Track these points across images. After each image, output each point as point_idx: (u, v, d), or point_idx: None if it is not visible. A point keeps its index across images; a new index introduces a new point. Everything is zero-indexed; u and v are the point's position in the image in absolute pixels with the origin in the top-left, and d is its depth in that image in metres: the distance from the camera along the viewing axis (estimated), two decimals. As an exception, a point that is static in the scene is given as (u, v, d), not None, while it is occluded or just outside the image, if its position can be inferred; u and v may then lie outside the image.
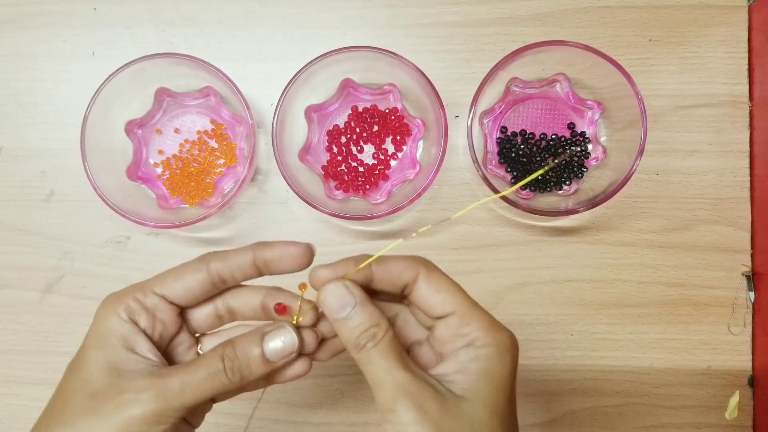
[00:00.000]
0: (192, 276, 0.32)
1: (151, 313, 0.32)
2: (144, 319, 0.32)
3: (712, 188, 0.54)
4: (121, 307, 0.31)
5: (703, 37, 0.54)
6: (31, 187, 0.55)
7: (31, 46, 0.56)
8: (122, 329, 0.31)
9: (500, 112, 0.54)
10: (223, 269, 0.32)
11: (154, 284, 0.32)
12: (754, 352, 0.54)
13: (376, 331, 0.30)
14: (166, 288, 0.32)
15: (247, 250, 0.33)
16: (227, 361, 0.31)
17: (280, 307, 0.33)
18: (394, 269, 0.32)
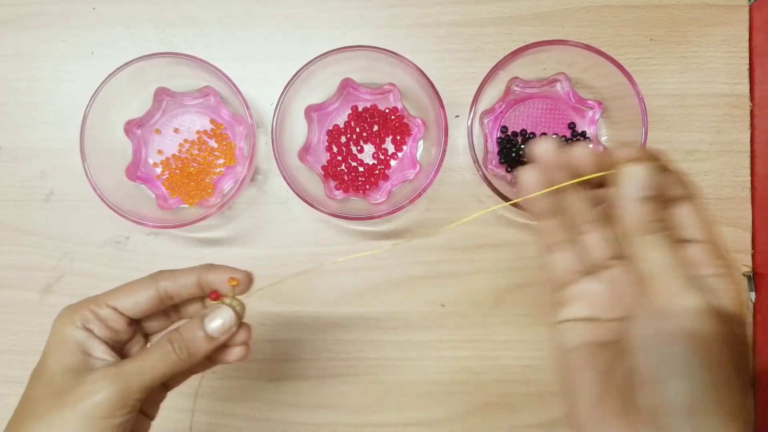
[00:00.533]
0: (142, 292, 0.36)
1: (104, 323, 0.35)
2: (98, 328, 0.35)
3: (712, 188, 0.54)
4: (76, 316, 0.34)
5: (704, 37, 0.54)
6: (31, 187, 0.55)
7: (30, 46, 0.56)
8: (78, 336, 0.34)
9: (501, 112, 0.54)
10: (170, 287, 0.36)
11: (107, 297, 0.35)
12: (754, 353, 0.54)
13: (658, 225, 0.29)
14: (118, 302, 0.35)
15: (193, 272, 0.36)
16: (175, 342, 0.34)
17: (214, 295, 0.36)
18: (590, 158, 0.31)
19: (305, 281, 0.54)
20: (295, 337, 0.55)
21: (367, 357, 0.54)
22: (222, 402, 0.54)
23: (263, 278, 0.55)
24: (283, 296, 0.54)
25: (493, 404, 0.54)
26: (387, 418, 0.54)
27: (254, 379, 0.55)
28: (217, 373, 0.54)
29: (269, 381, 0.55)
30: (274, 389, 0.55)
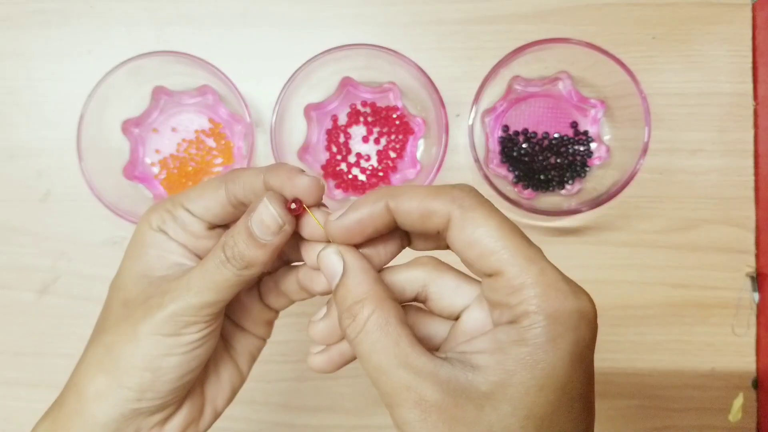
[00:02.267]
0: (211, 195, 0.31)
1: (181, 225, 0.31)
2: (173, 230, 0.31)
3: (715, 188, 0.53)
4: (153, 217, 0.31)
5: (707, 35, 0.53)
6: (27, 187, 0.55)
7: (27, 45, 0.55)
8: (153, 238, 0.30)
9: (502, 111, 0.54)
10: (237, 190, 0.30)
11: (183, 198, 0.31)
12: (758, 354, 0.53)
13: (358, 311, 0.24)
14: (191, 204, 0.31)
15: (259, 172, 0.29)
16: (227, 249, 0.28)
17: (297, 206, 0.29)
18: (417, 212, 0.25)
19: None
20: (294, 338, 0.54)
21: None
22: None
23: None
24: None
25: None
26: (387, 420, 0.54)
27: (253, 381, 0.54)
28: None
29: (268, 383, 0.54)
30: (273, 391, 0.54)
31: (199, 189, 0.31)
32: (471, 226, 0.24)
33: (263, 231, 0.28)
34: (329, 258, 0.27)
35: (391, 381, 0.23)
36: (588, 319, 0.23)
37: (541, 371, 0.22)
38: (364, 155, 0.54)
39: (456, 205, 0.24)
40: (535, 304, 0.22)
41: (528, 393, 0.22)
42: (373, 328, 0.24)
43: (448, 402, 0.22)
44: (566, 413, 0.23)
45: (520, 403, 0.22)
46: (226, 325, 0.34)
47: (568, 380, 0.22)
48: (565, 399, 0.22)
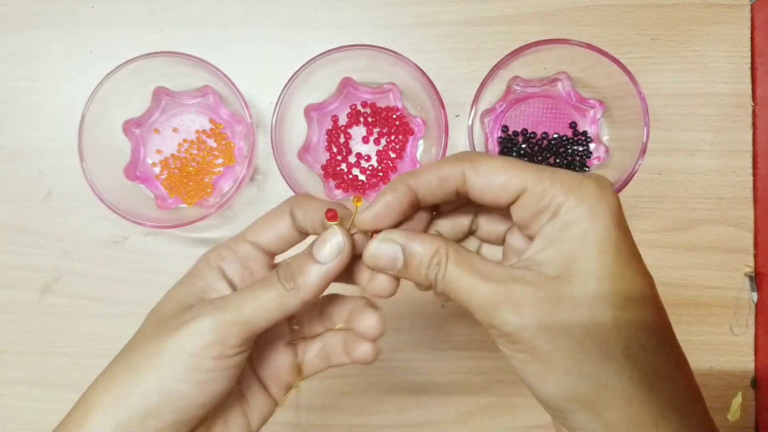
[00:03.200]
0: (278, 220, 0.31)
1: (242, 261, 0.31)
2: (231, 267, 0.31)
3: (714, 188, 0.53)
4: (213, 254, 0.31)
5: (705, 36, 0.54)
6: (30, 187, 0.55)
7: (29, 46, 0.55)
8: (207, 274, 0.31)
9: (501, 111, 0.54)
10: (302, 216, 0.31)
11: (247, 232, 0.32)
12: (756, 353, 0.53)
13: (439, 258, 0.28)
14: (257, 235, 0.31)
15: (322, 204, 0.31)
16: (281, 270, 0.29)
17: (330, 214, 0.30)
18: (434, 179, 0.28)
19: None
20: (294, 337, 0.54)
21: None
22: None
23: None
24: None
25: (494, 405, 0.54)
26: (387, 419, 0.54)
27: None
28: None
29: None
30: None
31: (264, 218, 0.32)
32: (485, 168, 0.28)
33: (325, 254, 0.29)
34: (381, 248, 0.28)
35: (481, 295, 0.26)
36: (610, 190, 0.26)
37: (594, 239, 0.25)
38: (364, 155, 0.54)
39: (464, 162, 0.28)
40: (563, 193, 0.26)
41: (590, 260, 0.25)
42: (452, 265, 0.27)
43: (530, 293, 0.25)
44: (629, 269, 0.26)
45: (588, 271, 0.25)
46: (247, 375, 0.34)
47: (618, 241, 0.26)
48: (624, 256, 0.26)
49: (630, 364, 0.25)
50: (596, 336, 0.25)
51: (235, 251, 0.31)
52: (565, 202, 0.26)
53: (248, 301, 0.28)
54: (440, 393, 0.54)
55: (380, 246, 0.29)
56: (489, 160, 0.28)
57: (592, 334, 0.25)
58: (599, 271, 0.25)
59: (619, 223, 0.26)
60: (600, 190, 0.26)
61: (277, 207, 0.32)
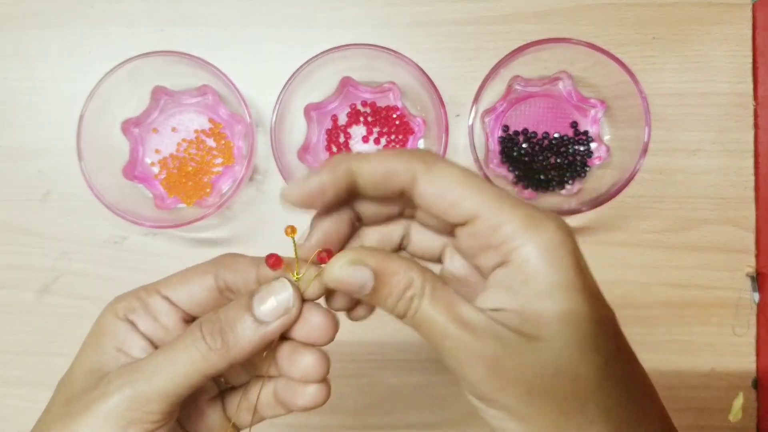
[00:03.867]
0: (197, 281, 0.28)
1: (152, 315, 0.28)
2: (143, 321, 0.27)
3: (715, 188, 0.53)
4: (121, 305, 0.27)
5: (707, 35, 0.53)
6: (28, 187, 0.55)
7: (28, 45, 0.55)
8: (115, 328, 0.27)
9: (502, 111, 0.54)
10: (230, 278, 0.28)
11: (160, 285, 0.28)
12: (758, 354, 0.53)
13: (413, 293, 0.24)
14: (171, 290, 0.28)
15: (254, 263, 0.28)
16: (206, 326, 0.25)
17: (272, 261, 0.26)
18: (380, 170, 0.24)
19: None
20: (294, 338, 0.54)
21: (367, 359, 0.54)
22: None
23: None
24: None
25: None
26: (387, 420, 0.54)
27: (253, 381, 0.54)
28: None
29: (268, 382, 0.54)
30: (273, 391, 0.54)
31: (181, 274, 0.28)
32: (439, 177, 0.24)
33: (270, 312, 0.25)
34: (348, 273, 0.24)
35: (455, 342, 0.23)
36: (568, 231, 0.24)
37: (564, 298, 0.23)
38: (364, 155, 0.53)
39: (419, 161, 0.24)
40: (521, 235, 0.23)
41: (565, 321, 0.23)
42: (427, 303, 0.24)
43: (510, 355, 0.23)
44: (601, 327, 0.23)
45: (566, 335, 0.23)
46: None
47: (583, 285, 0.23)
48: (591, 299, 0.23)
49: (611, 424, 0.24)
50: (577, 400, 0.23)
51: (145, 303, 0.28)
52: (523, 248, 0.23)
53: (165, 368, 0.25)
54: (441, 394, 0.53)
55: (347, 271, 0.24)
56: (446, 168, 0.24)
57: (572, 398, 0.23)
58: (576, 334, 0.23)
59: (583, 272, 0.24)
60: (561, 234, 0.23)
61: (198, 265, 0.28)
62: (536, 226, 0.23)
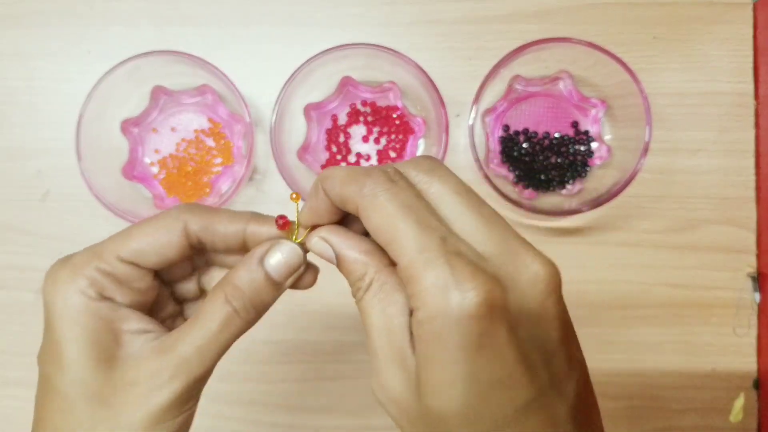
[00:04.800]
0: (164, 238, 0.26)
1: (126, 285, 0.26)
2: (120, 293, 0.26)
3: (716, 188, 0.53)
4: (82, 282, 0.25)
5: (708, 35, 0.53)
6: (27, 187, 0.55)
7: (27, 45, 0.55)
8: (95, 310, 0.25)
9: (502, 111, 0.53)
10: (204, 234, 0.27)
11: (116, 248, 0.25)
12: (759, 354, 0.53)
13: (360, 285, 0.25)
14: (135, 254, 0.26)
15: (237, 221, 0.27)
16: (235, 301, 0.26)
17: (283, 221, 0.27)
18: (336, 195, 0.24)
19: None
20: (294, 338, 0.54)
21: (368, 359, 0.54)
22: (220, 404, 0.54)
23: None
24: (282, 297, 0.53)
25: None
26: (387, 420, 0.54)
27: (253, 382, 0.54)
28: (215, 375, 0.54)
29: (268, 383, 0.54)
30: (273, 392, 0.54)
31: (143, 232, 0.26)
32: (371, 217, 0.23)
33: (283, 272, 0.26)
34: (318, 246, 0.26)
35: (379, 346, 0.24)
36: (469, 315, 0.21)
37: (439, 366, 0.22)
38: (364, 155, 0.53)
39: (360, 194, 0.23)
40: (420, 300, 0.22)
41: (437, 387, 0.22)
42: (368, 299, 0.24)
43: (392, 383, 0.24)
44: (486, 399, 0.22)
45: (437, 396, 0.22)
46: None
47: (471, 369, 0.21)
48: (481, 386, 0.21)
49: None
50: None
51: (110, 275, 0.25)
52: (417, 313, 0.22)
53: (211, 347, 0.25)
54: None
55: (319, 245, 0.26)
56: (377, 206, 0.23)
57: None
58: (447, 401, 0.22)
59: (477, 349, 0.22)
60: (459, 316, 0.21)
61: (158, 218, 0.26)
62: (439, 296, 0.21)
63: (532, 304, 0.22)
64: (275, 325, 0.54)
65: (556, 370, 0.22)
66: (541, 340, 0.22)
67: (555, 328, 0.22)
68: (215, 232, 0.27)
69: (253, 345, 0.54)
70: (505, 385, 0.21)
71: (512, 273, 0.22)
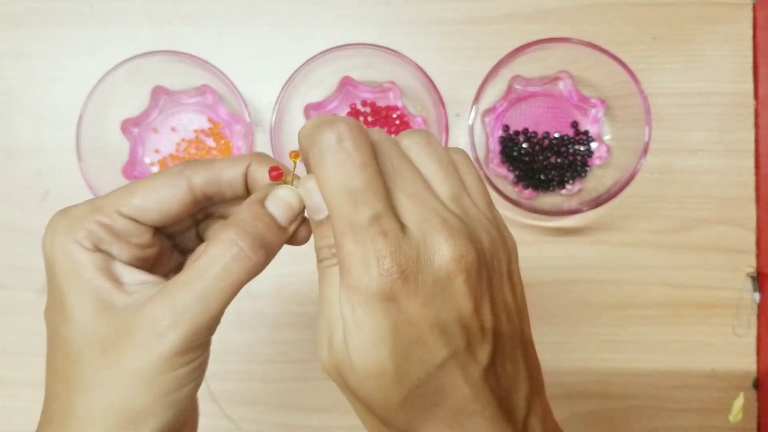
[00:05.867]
0: (169, 193, 0.26)
1: (123, 239, 0.25)
2: (117, 248, 0.25)
3: (716, 188, 0.53)
4: (80, 234, 0.25)
5: (708, 35, 0.53)
6: (27, 187, 0.55)
7: (27, 45, 0.55)
8: (92, 261, 0.24)
9: (502, 111, 0.53)
10: (208, 186, 0.26)
11: (118, 202, 0.25)
12: (758, 354, 0.53)
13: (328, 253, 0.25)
14: (136, 209, 0.25)
15: (240, 162, 0.27)
16: (241, 241, 0.24)
17: (277, 173, 0.27)
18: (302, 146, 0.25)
19: (305, 282, 0.54)
20: (294, 338, 0.54)
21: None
22: (222, 403, 0.54)
23: (263, 279, 0.55)
24: (282, 297, 0.54)
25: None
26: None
27: (254, 381, 0.54)
28: (215, 375, 0.54)
29: (268, 383, 0.54)
30: (273, 391, 0.54)
31: (146, 188, 0.26)
32: (318, 180, 0.24)
33: (288, 215, 0.26)
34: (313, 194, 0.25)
35: (327, 315, 0.25)
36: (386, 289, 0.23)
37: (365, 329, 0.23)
38: (364, 155, 0.53)
39: (311, 155, 0.24)
40: (345, 269, 0.23)
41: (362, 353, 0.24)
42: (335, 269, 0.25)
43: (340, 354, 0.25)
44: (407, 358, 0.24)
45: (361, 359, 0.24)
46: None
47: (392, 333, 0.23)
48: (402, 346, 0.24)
49: None
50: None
51: (109, 228, 0.25)
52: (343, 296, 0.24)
53: (218, 291, 0.24)
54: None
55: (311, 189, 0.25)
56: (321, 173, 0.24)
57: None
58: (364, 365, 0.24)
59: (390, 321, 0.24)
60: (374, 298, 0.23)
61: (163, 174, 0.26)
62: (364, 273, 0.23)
63: (444, 281, 0.23)
64: (276, 325, 0.54)
65: (470, 339, 0.24)
66: (455, 312, 0.24)
67: (466, 303, 0.24)
68: (220, 180, 0.27)
69: (253, 345, 0.54)
70: (422, 347, 0.24)
71: (428, 253, 0.23)
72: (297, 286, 0.54)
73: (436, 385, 0.24)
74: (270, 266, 0.35)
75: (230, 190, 0.27)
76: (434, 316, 0.23)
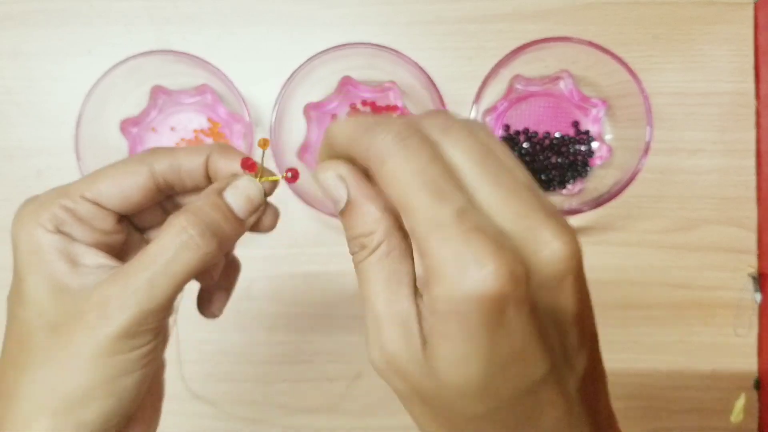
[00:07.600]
0: (130, 180, 0.26)
1: (86, 223, 0.26)
2: (78, 230, 0.25)
3: (717, 188, 0.53)
4: (44, 216, 0.25)
5: (708, 35, 0.53)
6: (27, 187, 0.55)
7: (26, 44, 0.55)
8: (52, 243, 0.25)
9: (503, 111, 0.53)
10: (169, 174, 0.26)
11: (82, 188, 0.26)
12: (759, 355, 0.53)
13: (364, 242, 0.23)
14: (99, 193, 0.26)
15: (201, 153, 0.27)
16: (191, 228, 0.24)
17: (249, 163, 0.26)
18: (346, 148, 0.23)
19: (306, 282, 0.53)
20: (294, 339, 0.54)
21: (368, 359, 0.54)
22: (221, 404, 0.54)
23: (262, 279, 0.55)
24: (282, 297, 0.53)
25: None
26: (387, 421, 0.54)
27: (253, 382, 0.54)
28: (216, 375, 0.54)
29: (268, 383, 0.54)
30: (274, 392, 0.54)
31: (110, 175, 0.26)
32: (381, 183, 0.21)
33: (246, 206, 0.26)
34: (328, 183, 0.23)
35: (376, 317, 0.22)
36: (488, 294, 0.19)
37: (457, 341, 0.20)
38: (364, 155, 0.53)
39: (367, 157, 0.21)
40: (436, 275, 0.20)
41: (454, 363, 0.21)
42: (373, 262, 0.23)
43: (400, 355, 0.22)
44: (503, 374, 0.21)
45: (454, 371, 0.21)
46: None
47: (489, 345, 0.20)
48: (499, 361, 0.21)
49: None
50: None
51: (72, 212, 0.25)
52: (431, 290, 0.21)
53: (167, 277, 0.24)
54: (441, 395, 0.53)
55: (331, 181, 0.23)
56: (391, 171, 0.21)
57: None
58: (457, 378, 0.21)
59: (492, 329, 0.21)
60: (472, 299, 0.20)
61: (126, 161, 0.26)
62: (455, 276, 0.20)
63: (551, 282, 0.21)
64: (276, 326, 0.54)
65: (569, 345, 0.22)
66: (558, 317, 0.21)
67: (571, 305, 0.21)
68: (179, 168, 0.27)
69: (253, 346, 0.54)
70: (522, 361, 0.21)
71: (532, 249, 0.20)
72: (296, 288, 0.53)
73: (531, 401, 0.22)
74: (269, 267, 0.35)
75: (190, 180, 0.27)
76: (539, 326, 0.21)
